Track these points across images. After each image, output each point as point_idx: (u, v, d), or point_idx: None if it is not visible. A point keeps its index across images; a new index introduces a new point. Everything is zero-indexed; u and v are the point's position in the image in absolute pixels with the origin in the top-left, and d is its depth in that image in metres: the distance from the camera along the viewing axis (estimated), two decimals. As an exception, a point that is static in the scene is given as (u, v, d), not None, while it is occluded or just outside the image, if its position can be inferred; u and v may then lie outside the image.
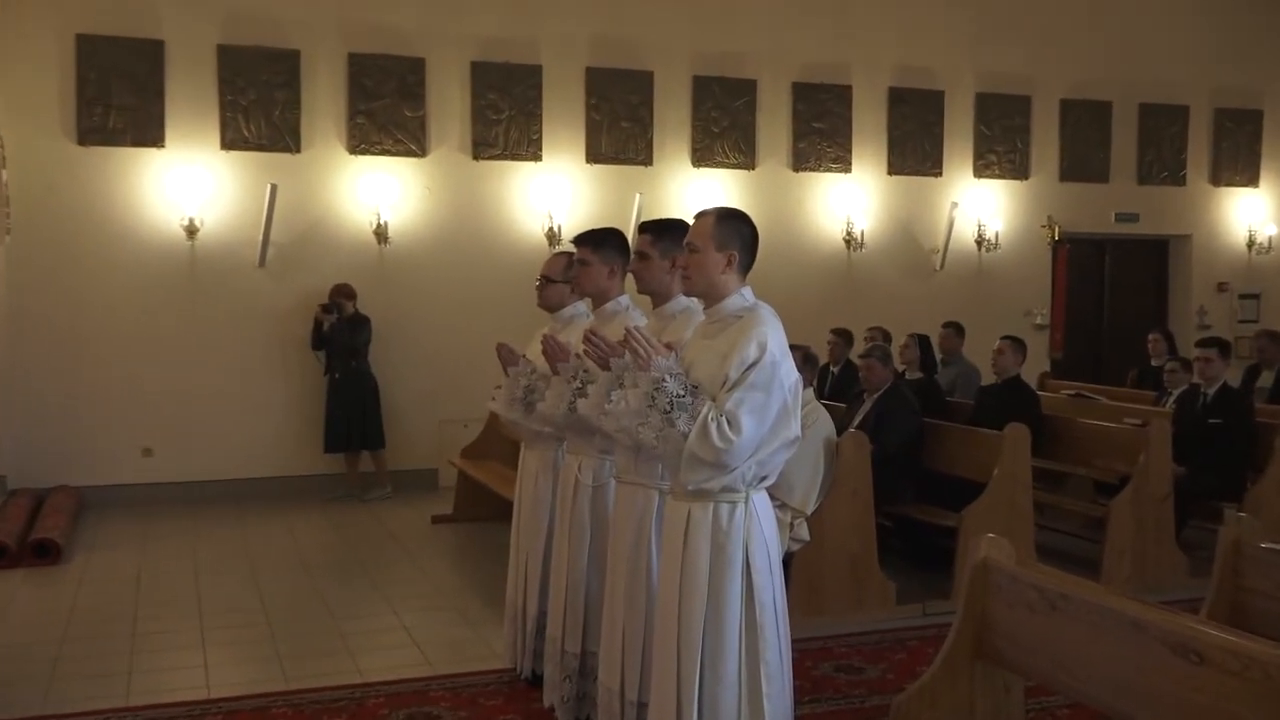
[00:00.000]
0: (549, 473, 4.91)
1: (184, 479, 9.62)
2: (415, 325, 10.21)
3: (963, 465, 6.93)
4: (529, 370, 4.84)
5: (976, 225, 12.03)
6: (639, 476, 3.89)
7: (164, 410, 9.61)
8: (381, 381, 9.82)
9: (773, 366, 3.32)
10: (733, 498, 3.41)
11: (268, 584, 6.95)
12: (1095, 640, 3.06)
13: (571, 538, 4.50)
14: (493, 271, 10.33)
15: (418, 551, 7.85)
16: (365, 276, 9.95)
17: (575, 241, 4.57)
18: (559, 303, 4.96)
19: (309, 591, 6.80)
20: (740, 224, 3.55)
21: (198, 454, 9.66)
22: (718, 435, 3.26)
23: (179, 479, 9.61)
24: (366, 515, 9.10)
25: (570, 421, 4.35)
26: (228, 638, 5.88)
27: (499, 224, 10.42)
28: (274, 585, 6.92)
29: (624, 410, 3.42)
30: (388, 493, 9.77)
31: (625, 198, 10.65)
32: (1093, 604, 3.10)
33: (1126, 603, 3.06)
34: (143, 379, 9.56)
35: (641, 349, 3.43)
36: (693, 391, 3.37)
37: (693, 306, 3.86)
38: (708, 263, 3.49)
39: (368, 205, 10.01)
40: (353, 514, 9.14)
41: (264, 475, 9.80)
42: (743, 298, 3.52)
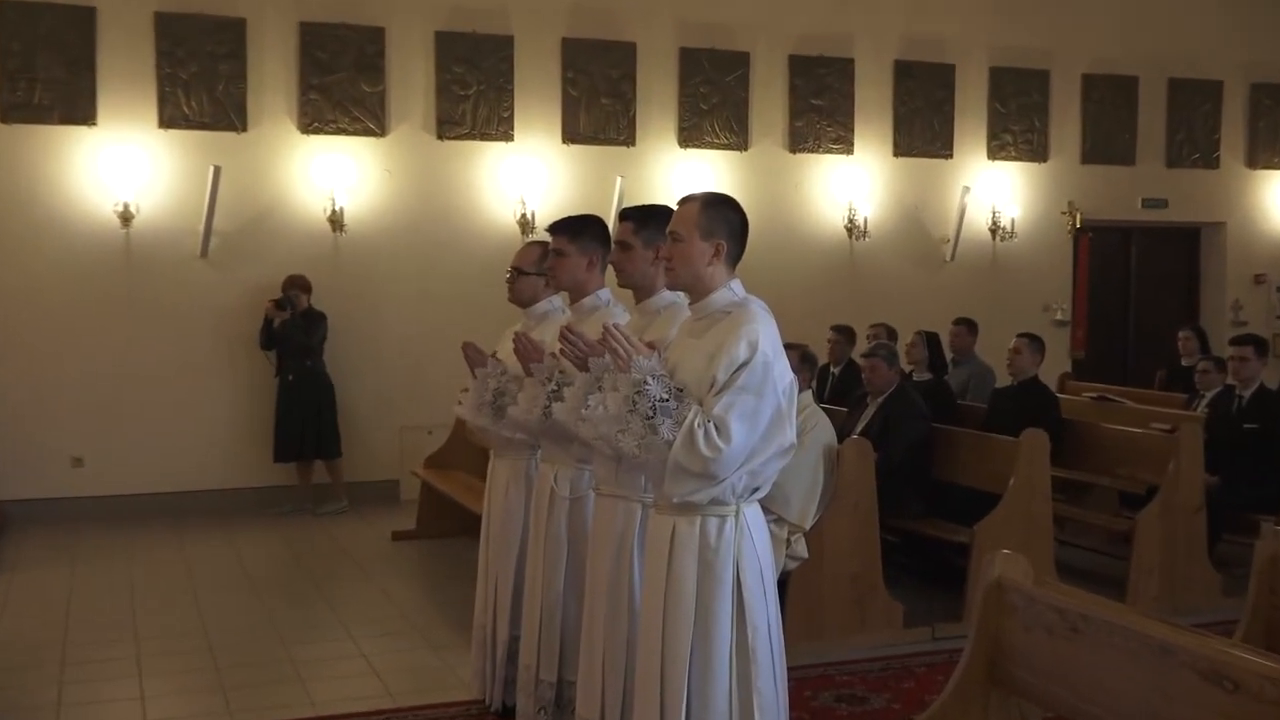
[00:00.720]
0: (521, 484, 4.90)
1: (118, 492, 9.58)
2: (374, 322, 10.19)
3: (975, 475, 6.94)
4: (499, 371, 4.83)
5: (990, 212, 12.07)
6: (620, 488, 3.88)
7: (96, 416, 9.56)
8: (337, 384, 9.80)
9: (765, 367, 3.32)
10: (722, 511, 3.41)
11: (211, 607, 6.91)
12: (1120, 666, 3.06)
13: (546, 555, 4.49)
14: (460, 263, 10.32)
15: (377, 571, 7.83)
16: (319, 268, 9.92)
17: (550, 230, 4.56)
18: (532, 297, 4.96)
19: (257, 615, 6.77)
20: (728, 210, 3.54)
21: (133, 464, 9.62)
22: (705, 443, 3.26)
23: (112, 492, 9.56)
24: (320, 531, 9.07)
25: (544, 428, 4.35)
26: (167, 666, 5.85)
27: (466, 210, 10.40)
28: (218, 608, 6.89)
29: (602, 416, 3.42)
30: (343, 506, 9.75)
31: (605, 181, 10.64)
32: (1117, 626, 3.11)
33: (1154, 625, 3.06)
34: (72, 381, 9.52)
35: (621, 349, 3.43)
36: (677, 395, 3.36)
37: (679, 302, 3.86)
38: (692, 253, 3.49)
39: (321, 189, 9.98)
40: (305, 530, 9.11)
41: (207, 487, 9.77)
42: (731, 291, 3.52)
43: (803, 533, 5.98)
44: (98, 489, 9.55)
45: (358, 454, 10.07)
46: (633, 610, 3.82)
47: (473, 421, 5.00)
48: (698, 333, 3.50)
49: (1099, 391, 9.70)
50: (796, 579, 6.00)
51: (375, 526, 9.17)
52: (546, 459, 4.60)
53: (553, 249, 4.52)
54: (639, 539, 3.81)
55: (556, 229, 4.53)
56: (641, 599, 3.66)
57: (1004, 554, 3.57)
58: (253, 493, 9.83)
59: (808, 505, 6.00)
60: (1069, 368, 12.04)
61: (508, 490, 4.95)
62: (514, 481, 4.94)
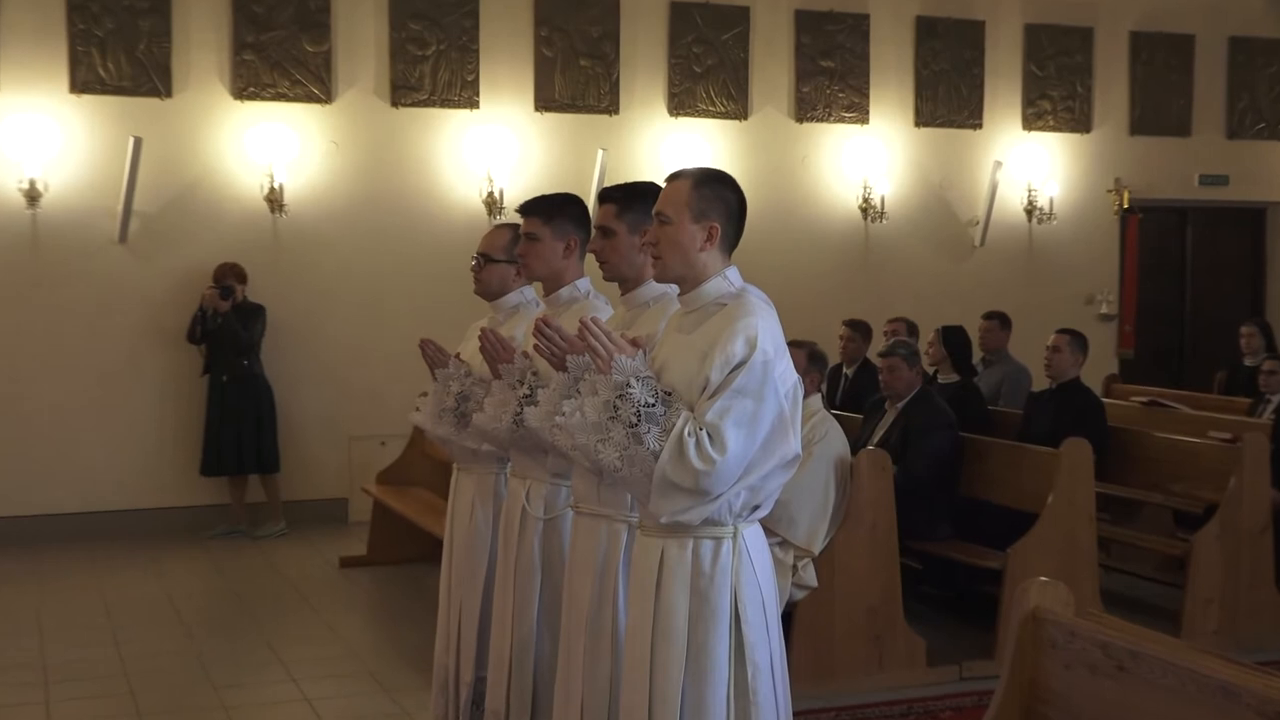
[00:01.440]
0: (488, 502, 4.88)
1: (20, 512, 9.54)
2: (318, 316, 10.17)
3: (1009, 491, 6.95)
4: (463, 373, 4.82)
5: (1026, 190, 12.09)
6: (601, 506, 3.87)
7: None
8: (276, 387, 9.78)
9: (764, 367, 3.31)
10: (718, 533, 3.40)
11: (131, 643, 6.89)
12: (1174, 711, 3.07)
13: (517, 584, 4.47)
14: (418, 248, 10.30)
15: (323, 602, 7.82)
16: (256, 255, 9.90)
17: (521, 211, 4.54)
18: (501, 288, 4.94)
19: (183, 652, 6.75)
20: (723, 188, 3.53)
21: (39, 481, 9.58)
22: (696, 454, 3.25)
23: (14, 512, 9.52)
24: (257, 557, 9.06)
25: (515, 437, 4.33)
26: (80, 712, 5.82)
27: (425, 188, 10.39)
28: (138, 644, 6.86)
29: (580, 423, 3.41)
30: (283, 528, 9.73)
31: (585, 155, 10.64)
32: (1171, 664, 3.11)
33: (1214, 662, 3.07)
34: (-29, 385, 9.50)
35: (600, 346, 3.42)
36: (665, 399, 3.36)
37: (671, 293, 3.84)
38: (682, 237, 3.47)
39: (258, 164, 9.96)
40: (240, 555, 9.09)
41: (125, 507, 9.73)
42: (727, 281, 3.51)
43: (811, 558, 5.97)
44: (0, 510, 9.51)
45: (300, 468, 10.05)
46: (616, 647, 3.80)
47: (432, 431, 4.97)
48: (688, 328, 3.49)
49: (1150, 395, 9.73)
50: (804, 611, 6.00)
51: (320, 551, 9.15)
52: (517, 473, 4.59)
53: (524, 233, 4.50)
54: (623, 565, 3.80)
55: (528, 210, 4.51)
56: (626, 633, 3.65)
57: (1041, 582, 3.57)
58: (179, 513, 9.80)
59: (816, 526, 5.99)
60: (1115, 368, 12.07)
61: (473, 509, 4.93)
62: (480, 499, 4.92)
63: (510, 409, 4.30)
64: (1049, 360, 7.98)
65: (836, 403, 9.01)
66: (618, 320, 4.02)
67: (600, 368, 3.42)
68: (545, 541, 4.43)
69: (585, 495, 3.93)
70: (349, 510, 10.16)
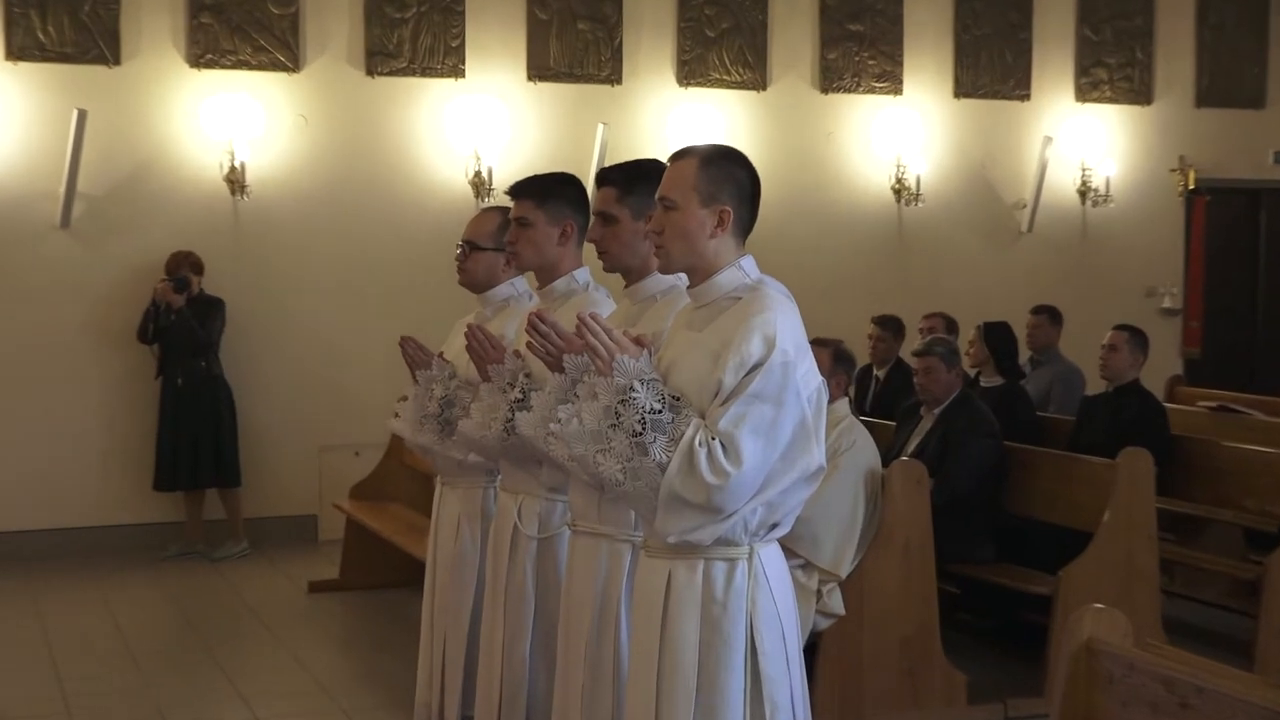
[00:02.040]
0: (475, 520, 4.89)
1: (-46, 531, 9.56)
2: (285, 311, 10.17)
3: (1060, 507, 6.94)
4: (447, 375, 4.83)
5: (1079, 169, 12.09)
6: (602, 524, 3.88)
7: (-75, 433, 9.55)
8: (237, 391, 9.79)
9: (785, 368, 3.32)
10: (732, 554, 3.41)
11: (74, 679, 6.88)
12: (1244, 753, 3.07)
13: (508, 611, 4.48)
14: (396, 235, 10.30)
15: (289, 632, 7.82)
16: (214, 243, 9.90)
17: (512, 193, 4.55)
18: (489, 279, 4.95)
19: (134, 687, 6.74)
20: (735, 167, 3.54)
21: (-26, 495, 9.60)
22: (708, 466, 3.26)
23: (-53, 531, 9.55)
24: (216, 581, 9.06)
25: (506, 447, 4.34)
26: (16, 757, 5.84)
27: (405, 168, 10.39)
28: (83, 679, 6.85)
29: (578, 431, 3.41)
30: (244, 549, 9.73)
31: (584, 131, 10.64)
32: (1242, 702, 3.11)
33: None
34: (-105, 388, 9.51)
35: (601, 345, 3.42)
36: (673, 405, 3.36)
37: (680, 286, 3.85)
38: (689, 224, 3.48)
39: (217, 141, 9.96)
40: (195, 579, 9.10)
41: (69, 524, 9.74)
42: (741, 271, 3.52)
43: (837, 582, 5.97)
44: (-72, 527, 9.54)
45: (263, 482, 10.05)
46: (618, 682, 3.81)
47: (413, 440, 4.98)
48: (699, 324, 3.50)
49: (1218, 400, 9.71)
50: (829, 642, 5.99)
51: (287, 575, 9.15)
52: (508, 487, 4.59)
53: (514, 217, 4.51)
54: (626, 590, 3.80)
55: (520, 191, 4.52)
56: (629, 667, 3.65)
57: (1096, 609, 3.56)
58: (128, 532, 9.80)
59: (843, 546, 5.99)
60: (1180, 369, 12.05)
61: (458, 528, 4.94)
62: (466, 517, 4.93)
63: (500, 415, 4.31)
64: (1105, 360, 7.97)
65: (866, 408, 8.99)
66: (620, 316, 4.03)
67: (600, 369, 3.43)
68: (539, 564, 4.43)
69: (584, 512, 3.93)
70: (319, 529, 10.16)
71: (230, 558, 9.65)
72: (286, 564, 9.44)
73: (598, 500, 3.82)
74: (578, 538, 3.99)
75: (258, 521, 9.95)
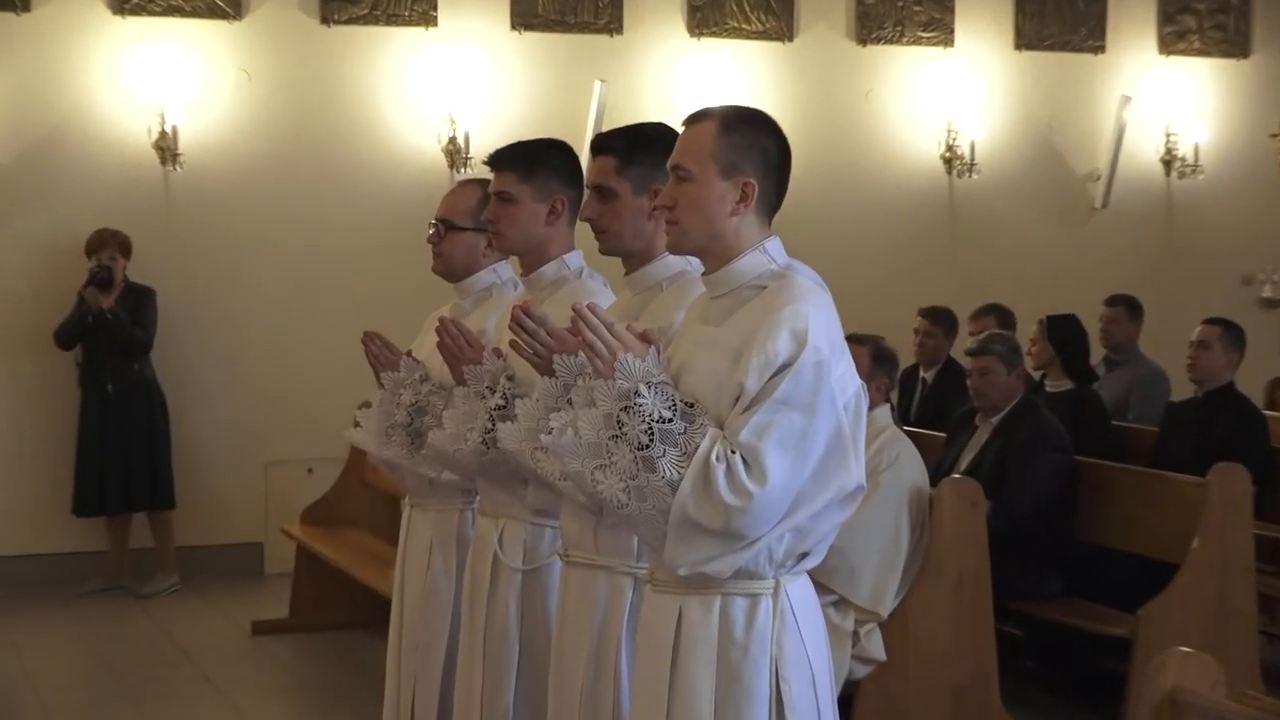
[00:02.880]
0: (450, 548, 4.90)
1: None
2: (225, 302, 10.17)
3: (1140, 533, 6.94)
4: (417, 377, 4.83)
5: (1164, 134, 12.09)
6: (600, 554, 3.88)
7: None
8: (170, 398, 9.79)
9: (818, 370, 3.31)
10: (754, 589, 3.41)
11: (-23, 738, 6.91)
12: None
13: (488, 656, 4.48)
14: (357, 213, 10.30)
15: (229, 680, 7.81)
16: (141, 221, 9.90)
17: (492, 163, 4.55)
18: (467, 265, 4.96)
19: (47, 750, 6.76)
20: (760, 133, 3.53)
21: None
22: (727, 485, 3.25)
23: None
24: (144, 620, 9.05)
25: (485, 463, 4.33)
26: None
27: (367, 133, 10.39)
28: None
29: (572, 444, 3.41)
30: (175, 583, 9.73)
31: (578, 89, 10.64)
32: (1353, 763, 3.12)
33: None
34: None
35: (600, 342, 3.43)
36: (685, 412, 3.36)
37: (691, 272, 3.86)
38: (707, 198, 3.47)
39: (144, 100, 9.96)
40: (120, 618, 9.08)
41: (-29, 555, 9.76)
42: (766, 256, 3.51)
43: (877, 623, 5.98)
44: None
45: (199, 504, 10.05)
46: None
47: (377, 453, 4.98)
48: (716, 318, 3.50)
49: (1328, 407, 9.72)
50: (868, 693, 5.99)
51: (227, 614, 9.14)
52: (487, 510, 4.59)
53: (495, 192, 4.51)
54: (628, 631, 3.81)
55: (502, 161, 4.52)
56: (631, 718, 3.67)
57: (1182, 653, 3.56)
58: (41, 564, 9.80)
59: (884, 581, 5.99)
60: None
61: (429, 558, 4.94)
62: (439, 545, 4.93)
63: (478, 425, 4.30)
64: (1194, 360, 7.97)
65: (911, 417, 9.00)
66: (622, 307, 4.03)
67: (600, 370, 3.42)
68: (524, 600, 4.43)
69: (578, 539, 3.93)
70: (264, 559, 10.17)
71: (160, 593, 9.64)
72: (226, 601, 9.43)
73: (594, 525, 3.83)
74: (571, 569, 3.99)
75: (192, 551, 9.95)
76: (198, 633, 8.78)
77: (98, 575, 9.75)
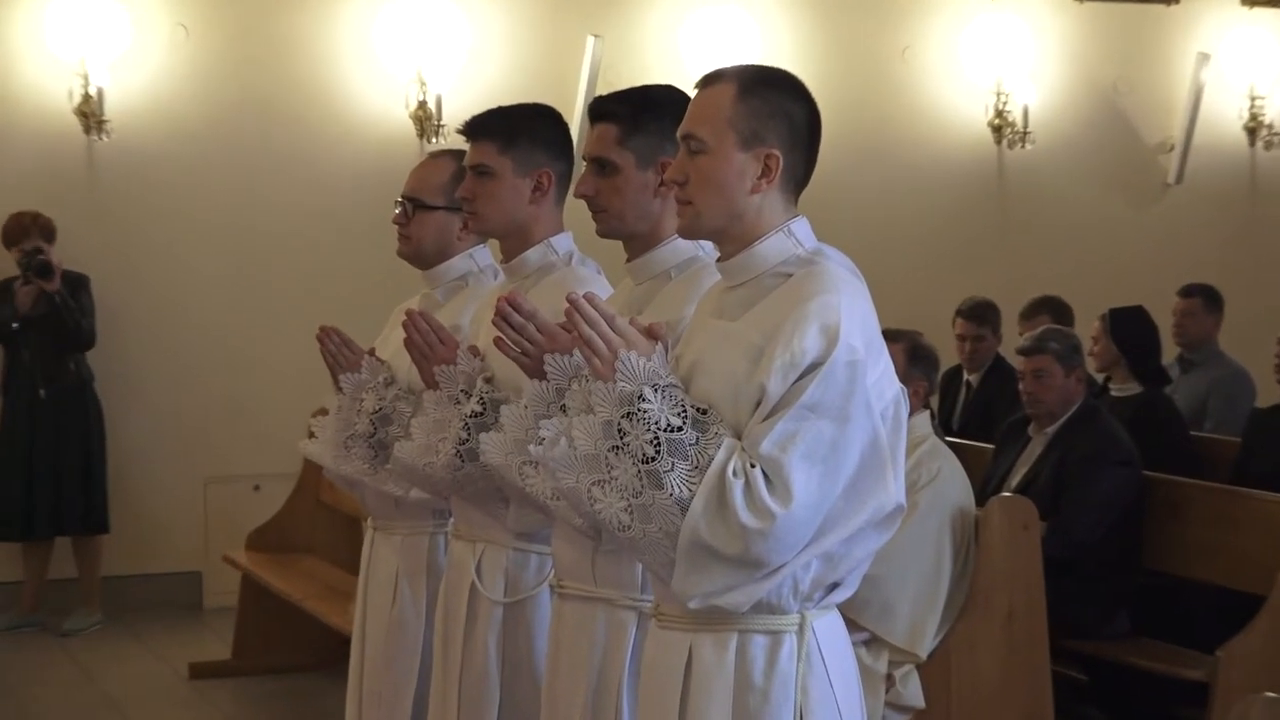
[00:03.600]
0: (419, 578, 4.91)
1: None
2: (158, 294, 10.19)
3: (1220, 562, 6.94)
4: (381, 380, 4.84)
5: (1247, 98, 12.13)
6: (598, 585, 3.89)
7: None
8: (101, 402, 9.81)
9: (851, 371, 3.30)
10: (776, 625, 3.41)
11: None
12: None
13: (464, 702, 4.49)
14: (311, 191, 10.33)
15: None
16: (61, 200, 9.93)
17: (468, 131, 4.56)
18: (439, 249, 4.99)
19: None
20: (786, 98, 3.52)
21: None
22: (746, 504, 3.24)
23: None
24: (64, 663, 9.06)
25: (460, 478, 4.34)
26: None
27: (322, 98, 10.41)
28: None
29: (565, 457, 3.40)
30: (99, 620, 9.74)
31: (567, 46, 10.66)
32: None
33: None
34: None
35: (598, 339, 3.41)
36: (697, 420, 3.35)
37: (704, 259, 3.85)
38: (724, 173, 3.46)
39: (65, 59, 9.98)
40: (38, 659, 9.09)
41: None
42: (792, 239, 3.50)
43: (915, 665, 5.98)
44: None
45: (129, 527, 10.07)
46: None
47: (334, 468, 4.98)
48: (733, 310, 3.50)
49: None
50: (907, 745, 6.00)
51: (160, 654, 9.15)
52: (463, 534, 4.61)
53: (472, 165, 4.52)
54: (630, 673, 3.81)
55: (479, 130, 4.53)
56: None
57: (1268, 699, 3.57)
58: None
59: (923, 617, 6.01)
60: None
61: (396, 589, 4.95)
62: (407, 574, 4.94)
63: (451, 435, 4.31)
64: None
65: (954, 425, 9.00)
66: (623, 299, 4.04)
67: (598, 371, 3.41)
68: (506, 638, 4.44)
69: (573, 568, 3.93)
70: (203, 591, 10.20)
71: (83, 631, 9.66)
72: (160, 639, 9.44)
73: (592, 551, 3.83)
74: (565, 602, 3.99)
75: (120, 581, 9.97)
76: (126, 676, 8.79)
77: (10, 610, 9.76)
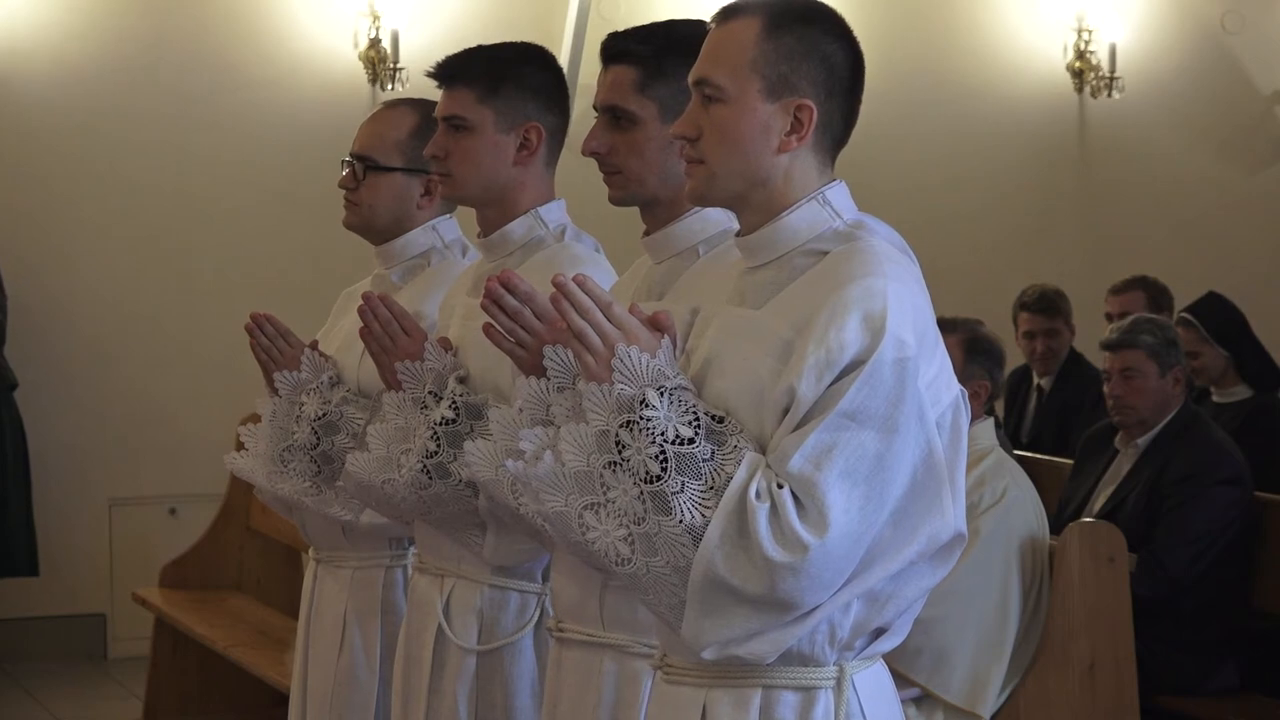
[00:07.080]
0: (373, 620, 4.94)
1: None
2: (53, 278, 10.23)
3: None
4: (326, 380, 4.86)
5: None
6: (606, 628, 3.92)
7: None
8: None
9: (900, 370, 3.29)
10: (809, 679, 3.42)
11: None
12: None
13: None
14: (240, 149, 10.35)
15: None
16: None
17: (441, 76, 4.59)
18: (396, 220, 5.02)
19: None
20: (821, 36, 3.52)
21: None
22: (772, 534, 3.24)
23: None
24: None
25: (426, 499, 4.36)
26: None
27: (254, 32, 10.43)
28: None
29: (551, 474, 3.41)
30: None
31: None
32: None
33: None
34: None
35: (590, 330, 3.41)
36: (713, 430, 3.36)
37: (730, 228, 3.85)
38: (745, 125, 3.47)
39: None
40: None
41: None
42: (828, 209, 3.51)
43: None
44: None
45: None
46: None
47: (268, 487, 4.99)
48: (755, 296, 3.51)
49: None
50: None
51: (56, 713, 9.19)
52: (429, 567, 4.63)
53: (443, 116, 4.54)
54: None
55: (455, 75, 4.56)
56: None
57: None
58: None
59: (986, 669, 6.03)
60: None
61: (344, 634, 4.97)
62: (358, 615, 4.97)
63: (418, 446, 4.33)
64: None
65: (1023, 437, 9.01)
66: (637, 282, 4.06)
67: (591, 371, 3.42)
68: (480, 693, 4.47)
69: (576, 607, 3.96)
70: (108, 637, 10.25)
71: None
72: (54, 696, 9.48)
73: (599, 588, 3.85)
74: (566, 649, 4.01)
75: (8, 626, 10.00)
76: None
77: None
